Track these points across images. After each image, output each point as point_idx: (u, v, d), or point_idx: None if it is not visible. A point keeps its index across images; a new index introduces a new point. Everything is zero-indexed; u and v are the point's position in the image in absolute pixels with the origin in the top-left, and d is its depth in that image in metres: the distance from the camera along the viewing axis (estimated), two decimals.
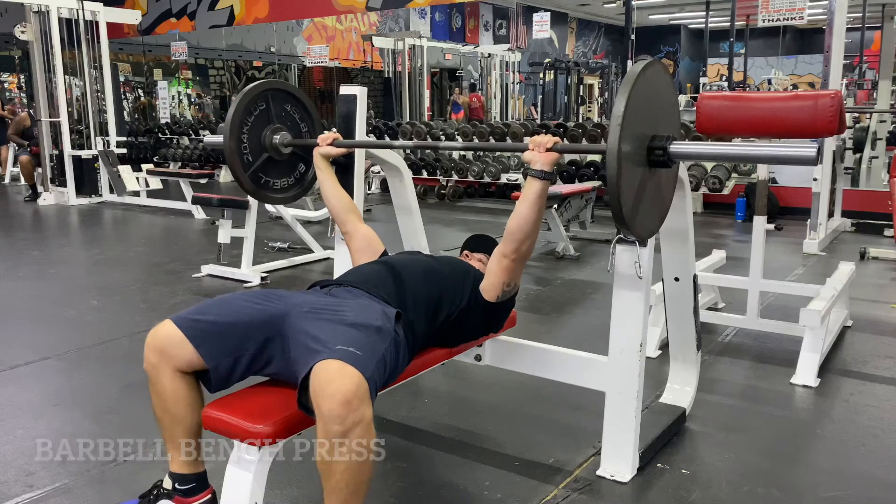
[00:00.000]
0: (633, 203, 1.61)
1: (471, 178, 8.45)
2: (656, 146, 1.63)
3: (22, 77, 13.92)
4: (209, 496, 1.83)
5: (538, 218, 1.85)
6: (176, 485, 1.79)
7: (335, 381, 1.46)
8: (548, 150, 1.81)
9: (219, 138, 2.30)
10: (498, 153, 9.50)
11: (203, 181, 7.91)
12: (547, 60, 15.07)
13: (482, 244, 2.40)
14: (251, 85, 2.31)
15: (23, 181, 9.01)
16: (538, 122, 10.49)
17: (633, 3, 11.47)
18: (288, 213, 5.65)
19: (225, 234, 4.72)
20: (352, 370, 1.49)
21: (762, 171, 3.41)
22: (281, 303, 1.79)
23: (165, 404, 1.74)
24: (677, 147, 1.64)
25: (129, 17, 9.76)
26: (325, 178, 2.31)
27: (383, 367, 1.63)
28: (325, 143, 2.26)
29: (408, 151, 9.58)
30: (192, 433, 1.77)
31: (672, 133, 1.68)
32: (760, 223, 3.36)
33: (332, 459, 1.48)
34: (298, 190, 2.46)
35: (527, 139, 1.87)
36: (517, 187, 7.95)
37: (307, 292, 1.94)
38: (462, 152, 9.19)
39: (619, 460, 2.13)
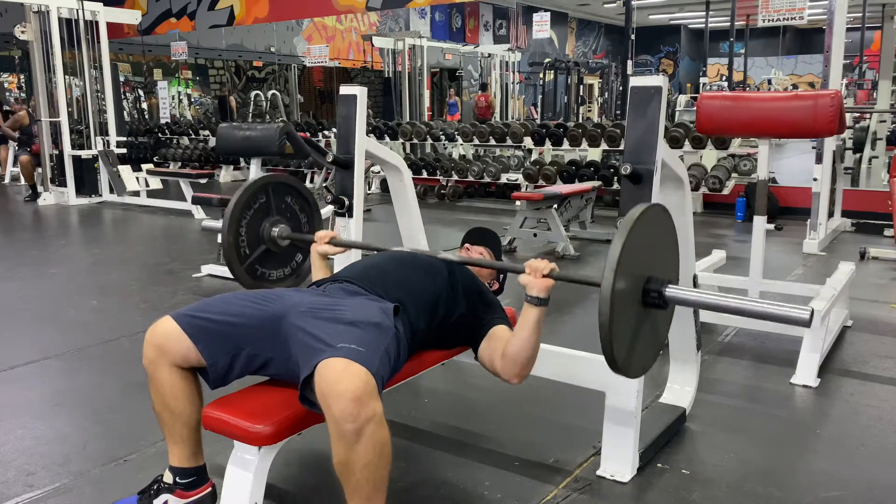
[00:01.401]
0: (628, 345, 1.60)
1: (471, 178, 8.46)
2: (652, 288, 1.63)
3: (22, 77, 13.93)
4: (210, 489, 1.85)
5: (537, 343, 1.84)
6: (177, 478, 1.81)
7: (343, 380, 1.46)
8: (544, 276, 1.79)
9: (217, 224, 2.29)
10: (498, 153, 9.51)
11: (203, 181, 7.92)
12: (547, 60, 15.08)
13: (483, 237, 2.40)
14: (253, 179, 2.27)
15: (23, 181, 9.01)
16: (538, 122, 10.50)
17: (633, 3, 11.46)
18: None
19: None
20: (358, 367, 1.49)
21: (762, 171, 3.41)
22: (279, 302, 1.79)
23: (164, 399, 1.76)
24: (673, 292, 1.64)
25: (129, 17, 9.76)
26: (319, 275, 2.22)
27: (387, 361, 1.63)
28: (323, 242, 2.21)
29: (408, 151, 9.59)
30: (191, 427, 1.78)
31: (669, 275, 1.68)
32: (760, 223, 3.36)
33: (350, 459, 1.48)
34: (294, 279, 2.44)
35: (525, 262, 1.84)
36: (517, 187, 7.96)
37: (304, 291, 1.94)
38: (462, 152, 9.20)
39: (619, 460, 2.13)
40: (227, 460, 1.69)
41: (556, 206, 5.34)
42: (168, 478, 1.82)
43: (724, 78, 18.82)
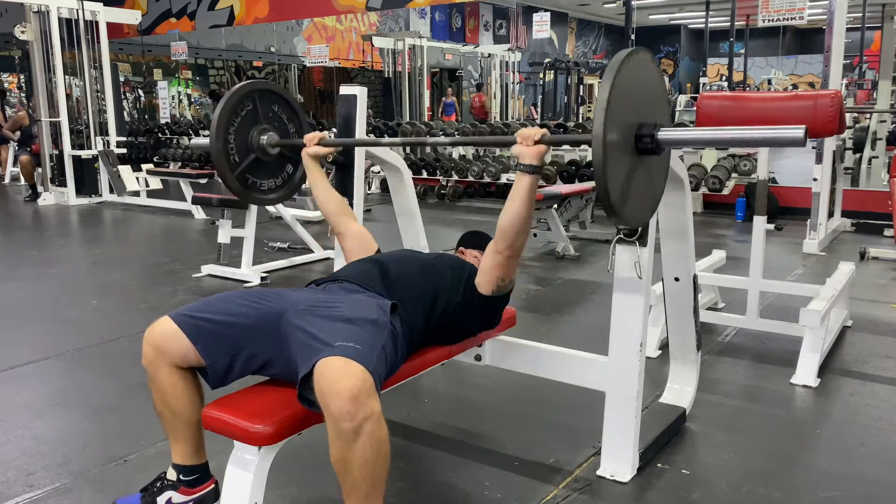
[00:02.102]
0: (622, 191, 1.60)
1: (471, 178, 8.45)
2: (644, 133, 1.63)
3: (22, 77, 13.93)
4: (212, 486, 1.86)
5: (529, 213, 1.85)
6: (180, 476, 1.82)
7: (341, 379, 1.46)
8: (536, 142, 1.80)
9: (205, 140, 2.28)
10: (498, 153, 9.50)
11: (203, 181, 7.91)
12: (547, 60, 15.08)
13: (477, 240, 2.40)
14: (238, 85, 2.27)
15: (23, 181, 9.01)
16: (538, 121, 10.49)
17: (633, 3, 11.47)
18: (288, 213, 5.65)
19: (225, 234, 4.72)
20: (356, 366, 1.49)
21: (762, 171, 3.41)
22: (278, 302, 1.80)
23: (164, 399, 1.77)
24: (665, 133, 1.64)
25: (129, 17, 9.76)
26: (316, 179, 2.29)
27: (384, 359, 1.63)
28: (312, 143, 2.24)
29: (408, 151, 9.59)
30: (192, 425, 1.79)
31: (661, 121, 1.68)
32: (760, 223, 3.36)
33: (348, 457, 1.48)
34: (286, 191, 2.44)
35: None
36: None
37: (302, 290, 1.95)
38: (462, 152, 9.20)
39: (619, 460, 2.13)
40: (227, 460, 1.69)
41: (556, 206, 5.34)
42: (171, 475, 1.83)
43: (724, 78, 18.81)
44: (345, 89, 2.57)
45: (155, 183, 8.45)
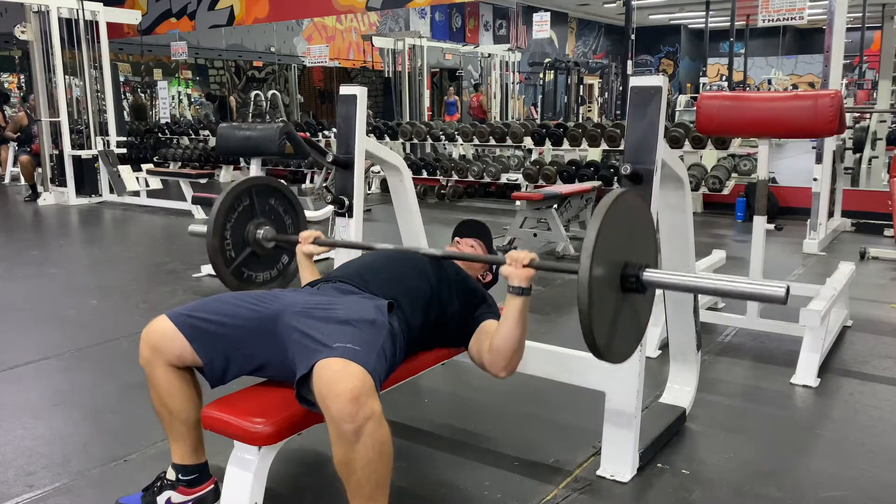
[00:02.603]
0: (608, 330, 1.62)
1: (471, 178, 8.46)
2: (629, 273, 1.64)
3: (22, 77, 13.93)
4: (212, 486, 1.86)
5: (523, 333, 1.84)
6: (179, 475, 1.82)
7: (340, 381, 1.46)
8: (524, 266, 1.80)
9: (202, 228, 2.28)
10: (498, 153, 9.51)
11: (203, 181, 7.91)
12: (547, 60, 15.07)
13: (472, 229, 2.39)
14: (234, 182, 2.27)
15: (23, 181, 9.01)
16: (538, 122, 10.49)
17: (633, 3, 11.46)
18: None
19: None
20: (355, 367, 1.49)
21: (762, 171, 3.41)
22: (274, 303, 1.79)
23: (162, 398, 1.77)
24: (650, 275, 1.65)
25: (129, 17, 9.76)
26: (306, 277, 2.23)
27: (383, 359, 1.63)
28: (308, 242, 2.21)
29: (408, 151, 9.58)
30: (190, 425, 1.79)
31: (647, 261, 1.69)
32: (760, 223, 3.36)
33: (350, 459, 1.48)
34: (281, 281, 2.44)
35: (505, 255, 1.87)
36: (517, 187, 7.96)
37: (299, 291, 1.95)
38: (462, 152, 9.20)
39: (619, 460, 2.13)
40: (227, 460, 1.69)
41: (556, 206, 5.34)
42: (171, 475, 1.83)
43: (724, 78, 18.81)
44: (345, 89, 2.57)
45: (155, 183, 8.45)
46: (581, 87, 15.00)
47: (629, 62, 10.53)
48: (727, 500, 2.04)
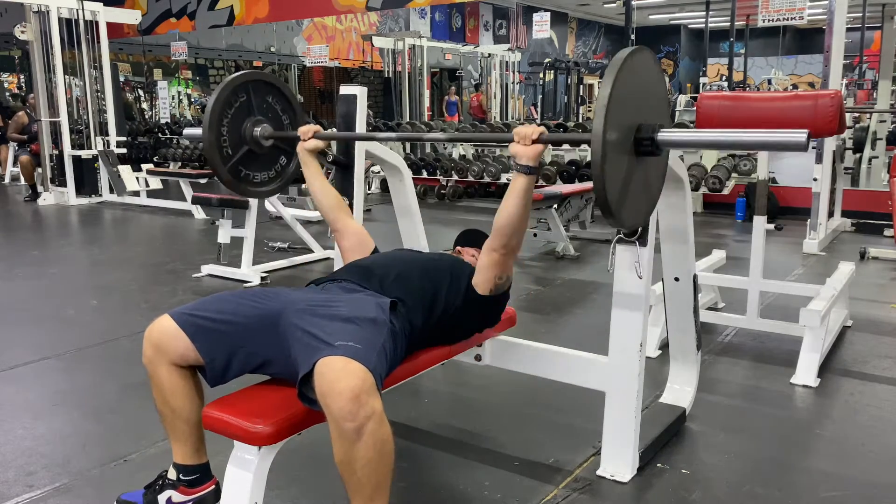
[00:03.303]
0: (620, 192, 1.59)
1: (471, 178, 8.45)
2: (643, 135, 1.62)
3: (22, 77, 13.93)
4: (213, 487, 1.85)
5: (525, 212, 1.84)
6: (180, 475, 1.82)
7: (342, 379, 1.46)
8: (533, 141, 1.79)
9: (198, 130, 2.25)
10: (498, 153, 9.50)
11: (203, 181, 7.91)
12: (547, 60, 15.07)
13: (474, 239, 2.40)
14: (231, 76, 2.23)
15: (23, 181, 9.01)
16: (538, 121, 10.49)
17: (633, 3, 11.46)
18: (288, 213, 5.65)
19: (225, 234, 4.72)
20: (356, 365, 1.49)
21: (762, 171, 3.41)
22: (276, 301, 1.80)
23: (164, 397, 1.77)
24: (665, 135, 1.62)
25: (129, 17, 9.76)
26: (312, 174, 2.25)
27: (384, 357, 1.63)
28: (308, 136, 2.21)
29: (407, 151, 9.58)
30: (192, 425, 1.79)
31: (661, 121, 1.67)
32: (760, 223, 3.36)
33: (351, 457, 1.48)
34: (279, 183, 2.40)
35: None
36: None
37: (302, 290, 1.95)
38: (462, 152, 9.19)
39: (619, 460, 2.13)
40: (227, 460, 1.69)
41: (556, 206, 5.34)
42: (172, 474, 1.83)
43: (723, 78, 18.80)
44: (345, 89, 2.57)
45: (155, 183, 8.45)
46: (581, 87, 14.99)
47: None
48: (727, 500, 2.04)
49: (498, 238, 1.89)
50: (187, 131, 2.57)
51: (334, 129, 2.52)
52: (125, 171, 8.36)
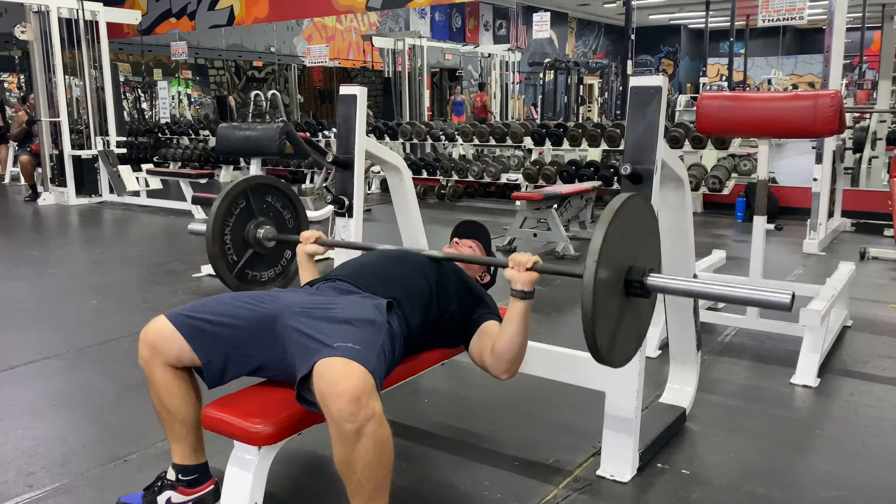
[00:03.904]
0: (610, 334, 1.61)
1: (471, 178, 8.46)
2: (633, 278, 1.64)
3: (22, 77, 13.92)
4: (212, 487, 1.86)
5: (525, 337, 1.85)
6: (179, 476, 1.83)
7: (341, 380, 1.46)
8: (527, 269, 1.80)
9: (202, 227, 2.26)
10: (498, 153, 9.50)
11: (203, 181, 7.92)
12: (547, 60, 15.07)
13: (471, 230, 2.39)
14: (228, 186, 2.24)
15: (23, 181, 9.01)
16: (538, 122, 10.50)
17: (633, 3, 11.46)
18: None
19: None
20: (356, 366, 1.49)
21: (762, 171, 3.41)
22: (273, 303, 1.79)
23: (160, 398, 1.77)
24: (654, 280, 1.64)
25: (129, 17, 9.76)
26: (306, 276, 2.21)
27: (383, 358, 1.63)
28: (309, 242, 2.20)
29: (408, 151, 9.58)
30: (190, 425, 1.79)
31: (651, 264, 1.69)
32: (760, 223, 3.36)
33: (351, 459, 1.48)
34: (284, 279, 2.43)
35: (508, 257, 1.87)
36: (517, 187, 7.96)
37: (298, 291, 1.94)
38: (462, 152, 9.19)
39: (619, 460, 2.13)
40: (227, 460, 1.69)
41: (556, 206, 5.34)
42: (171, 475, 1.84)
43: (724, 78, 18.81)
44: (345, 89, 2.58)
45: (155, 183, 8.45)
46: (581, 87, 15.00)
47: (629, 62, 10.54)
48: (727, 500, 2.04)
49: (501, 363, 1.86)
50: (192, 227, 2.55)
51: (335, 132, 2.52)
52: (125, 171, 8.36)
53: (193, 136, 11.46)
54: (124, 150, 8.85)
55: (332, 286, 1.91)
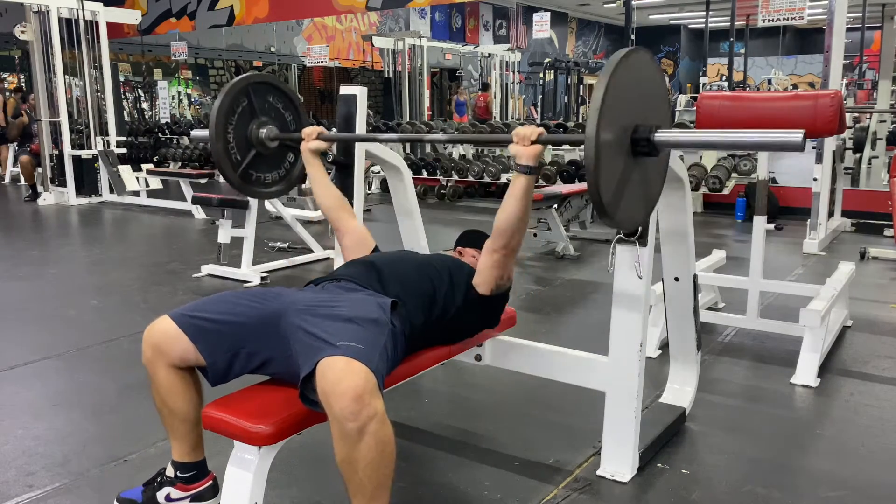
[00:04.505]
0: (615, 193, 1.58)
1: (471, 178, 8.45)
2: (640, 136, 1.61)
3: (22, 77, 13.92)
4: (210, 482, 1.87)
5: (526, 212, 1.85)
6: (178, 472, 1.84)
7: (344, 379, 1.46)
8: (532, 142, 1.80)
9: (205, 132, 2.27)
10: (498, 153, 9.50)
11: (203, 181, 7.92)
12: (547, 60, 15.06)
13: (475, 240, 2.40)
14: (231, 82, 2.26)
15: (23, 181, 9.01)
16: (538, 121, 10.49)
17: (633, 3, 11.46)
18: (288, 213, 5.65)
19: (225, 234, 4.72)
20: (358, 365, 1.49)
21: (762, 171, 3.41)
22: (277, 301, 1.80)
23: (162, 397, 1.78)
24: (662, 135, 1.61)
25: (129, 17, 9.76)
26: (316, 174, 2.28)
27: (386, 357, 1.63)
28: (311, 138, 2.24)
29: (407, 151, 9.58)
30: (190, 424, 1.80)
31: (659, 122, 1.66)
32: (760, 223, 3.36)
33: (353, 458, 1.48)
34: (287, 183, 2.43)
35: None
36: None
37: (302, 290, 1.95)
38: (462, 152, 9.19)
39: (619, 460, 2.13)
40: (227, 460, 1.69)
41: (556, 205, 5.34)
42: (170, 471, 1.85)
43: (724, 78, 18.80)
44: (345, 89, 2.57)
45: (155, 183, 8.45)
46: (581, 86, 14.99)
47: None
48: (727, 500, 2.04)
49: (499, 238, 1.90)
50: (195, 133, 2.58)
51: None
52: (125, 171, 8.36)
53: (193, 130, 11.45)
54: (124, 150, 8.85)
55: (336, 285, 1.92)
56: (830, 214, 5.91)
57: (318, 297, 1.81)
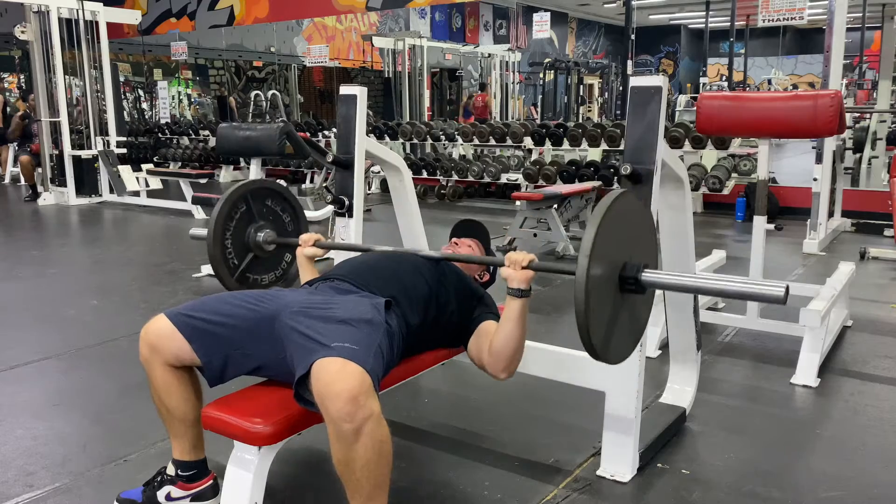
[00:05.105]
0: (606, 331, 1.61)
1: (471, 178, 8.46)
2: (628, 274, 1.64)
3: (22, 77, 13.92)
4: (210, 482, 1.87)
5: (522, 335, 1.84)
6: (178, 471, 1.85)
7: (339, 381, 1.46)
8: (523, 267, 1.80)
9: (203, 232, 2.27)
10: (498, 153, 9.50)
11: (203, 181, 7.92)
12: (547, 60, 15.06)
13: (470, 229, 2.39)
14: (230, 190, 2.26)
15: (23, 181, 9.02)
16: (538, 122, 10.49)
17: (633, 3, 11.45)
18: None
19: None
20: (353, 366, 1.49)
21: (762, 171, 3.41)
22: (272, 303, 1.80)
23: (160, 396, 1.79)
24: (649, 275, 1.64)
25: (129, 17, 9.76)
26: (306, 277, 2.22)
27: (381, 358, 1.63)
28: (308, 245, 2.22)
29: (408, 151, 9.58)
30: (188, 423, 1.80)
31: (647, 260, 1.69)
32: (760, 223, 3.36)
33: (349, 458, 1.48)
34: (284, 282, 2.44)
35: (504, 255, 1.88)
36: (517, 187, 7.96)
37: (297, 291, 1.95)
38: (462, 152, 9.19)
39: (619, 460, 2.13)
40: (227, 460, 1.69)
41: (556, 206, 5.34)
42: (171, 470, 1.85)
43: (724, 78, 18.80)
44: (345, 89, 2.58)
45: (155, 183, 8.45)
46: (581, 87, 14.99)
47: (629, 62, 10.52)
48: (727, 500, 2.04)
49: (499, 361, 1.86)
50: (194, 231, 2.58)
51: (335, 132, 2.54)
52: (125, 171, 8.36)
53: (193, 136, 11.46)
54: (124, 150, 8.85)
55: (330, 286, 1.91)
56: (830, 214, 5.91)
57: (313, 299, 1.81)
